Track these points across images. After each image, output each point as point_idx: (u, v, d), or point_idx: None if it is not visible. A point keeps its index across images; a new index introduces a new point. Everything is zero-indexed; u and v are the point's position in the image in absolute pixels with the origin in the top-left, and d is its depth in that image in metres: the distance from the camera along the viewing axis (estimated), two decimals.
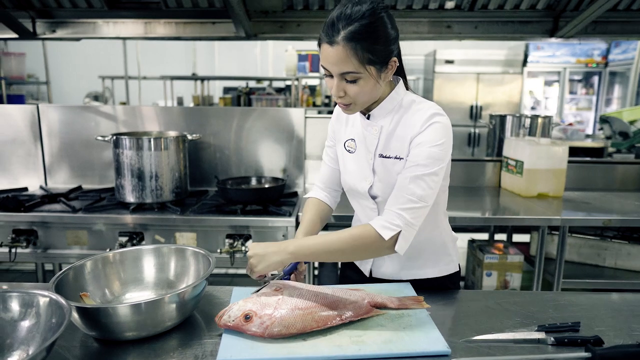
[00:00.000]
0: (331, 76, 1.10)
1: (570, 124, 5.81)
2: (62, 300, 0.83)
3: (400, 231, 1.08)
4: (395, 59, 1.11)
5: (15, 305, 0.86)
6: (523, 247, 2.75)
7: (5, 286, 1.17)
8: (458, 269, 1.34)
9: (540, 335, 0.99)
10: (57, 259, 2.39)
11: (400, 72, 1.22)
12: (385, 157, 1.19)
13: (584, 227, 2.54)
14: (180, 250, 1.15)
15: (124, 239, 2.07)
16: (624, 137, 4.89)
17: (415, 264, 1.27)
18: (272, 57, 6.97)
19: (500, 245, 2.68)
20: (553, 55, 6.92)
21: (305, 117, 2.69)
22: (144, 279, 1.13)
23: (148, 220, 2.11)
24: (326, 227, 1.49)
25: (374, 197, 1.23)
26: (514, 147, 2.66)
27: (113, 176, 2.58)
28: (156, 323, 0.93)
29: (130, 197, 2.21)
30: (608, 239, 2.50)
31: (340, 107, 1.18)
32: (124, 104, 5.60)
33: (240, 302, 0.99)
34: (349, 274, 1.43)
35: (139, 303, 0.89)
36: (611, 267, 2.45)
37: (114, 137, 2.19)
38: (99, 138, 2.24)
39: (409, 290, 1.19)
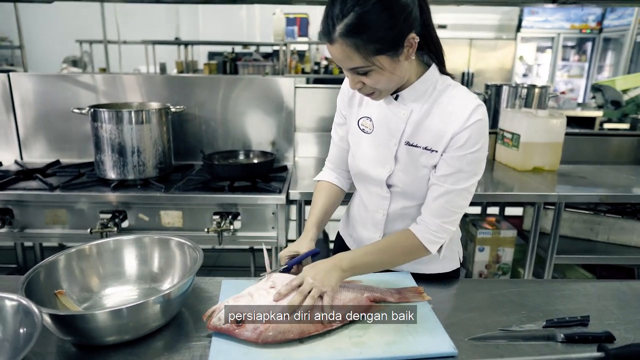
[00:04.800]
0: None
1: (563, 93, 5.74)
2: (33, 307, 0.75)
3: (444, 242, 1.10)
4: (412, 35, 0.94)
5: None
6: (516, 220, 2.72)
7: None
8: (459, 266, 1.28)
9: (550, 332, 0.94)
10: (36, 239, 2.30)
11: (432, 46, 1.06)
12: (413, 145, 1.07)
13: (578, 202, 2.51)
14: (164, 240, 1.06)
15: (105, 217, 1.98)
16: (616, 106, 4.84)
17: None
18: (259, 21, 6.68)
19: (493, 219, 2.64)
20: (547, 20, 6.76)
21: (295, 87, 2.56)
22: (125, 273, 1.04)
23: (131, 198, 2.01)
24: None
25: (389, 186, 1.14)
26: (511, 119, 2.58)
27: (93, 149, 2.46)
28: (140, 326, 0.86)
29: (111, 174, 2.09)
30: (601, 213, 2.47)
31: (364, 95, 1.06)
32: (103, 70, 5.34)
33: (230, 301, 0.92)
34: None
35: (120, 308, 0.80)
36: (604, 242, 2.43)
37: (92, 110, 2.05)
38: (75, 110, 2.09)
39: (409, 281, 1.12)
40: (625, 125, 4.46)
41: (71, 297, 0.95)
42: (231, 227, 1.98)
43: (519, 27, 6.64)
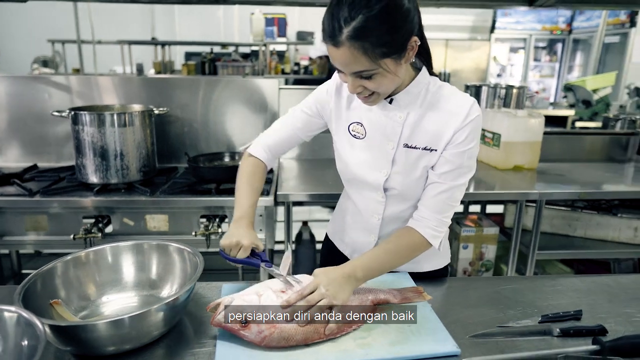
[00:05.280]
0: (343, 72, 0.98)
1: (537, 92, 5.90)
2: (35, 319, 0.72)
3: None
4: (415, 37, 0.95)
5: None
6: (497, 218, 2.78)
7: None
8: (449, 261, 1.30)
9: (546, 327, 0.97)
10: (15, 246, 2.24)
11: (422, 49, 1.05)
12: (411, 147, 1.08)
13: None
14: (163, 246, 1.04)
15: (88, 223, 1.93)
16: (587, 105, 5.01)
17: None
18: (238, 21, 6.62)
19: (475, 217, 2.69)
20: (519, 22, 6.94)
21: (280, 89, 2.56)
22: (123, 280, 1.02)
23: (114, 203, 1.97)
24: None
25: (386, 190, 1.14)
26: (491, 120, 2.64)
27: (71, 153, 2.39)
28: (142, 335, 0.84)
29: (93, 178, 2.04)
30: (579, 209, 2.56)
31: (360, 100, 1.05)
32: (77, 70, 5.20)
33: (237, 300, 0.91)
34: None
35: (122, 318, 0.79)
36: (581, 237, 2.52)
37: (72, 113, 2.00)
38: (55, 114, 2.04)
39: (408, 281, 1.14)
40: (597, 124, 4.63)
41: (67, 307, 0.93)
42: (219, 230, 1.96)
43: (492, 28, 6.79)
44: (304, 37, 6.00)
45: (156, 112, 2.20)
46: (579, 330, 0.95)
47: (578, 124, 4.90)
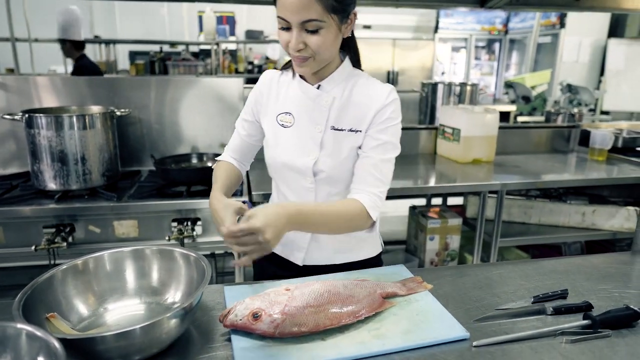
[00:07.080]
0: (287, 29, 1.03)
1: (482, 89, 6.20)
2: (49, 337, 0.67)
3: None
4: (355, 12, 1.08)
5: None
6: (458, 209, 2.91)
7: None
8: (381, 250, 1.35)
9: (540, 306, 1.03)
10: None
11: (352, 43, 1.18)
12: (338, 129, 1.15)
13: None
14: (166, 252, 0.99)
15: (50, 232, 1.81)
16: (526, 101, 5.34)
17: (347, 246, 1.26)
18: (187, 20, 6.41)
19: (437, 209, 2.80)
20: (460, 22, 7.26)
21: (244, 88, 2.52)
22: (123, 287, 0.97)
23: (78, 210, 1.86)
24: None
25: (315, 174, 1.17)
26: (451, 115, 2.75)
27: (18, 159, 2.25)
28: (154, 344, 0.80)
29: (52, 185, 1.92)
30: (533, 198, 2.73)
31: (295, 63, 1.09)
32: (11, 70, 4.83)
33: (247, 301, 0.91)
34: (272, 270, 1.29)
35: (134, 328, 0.75)
36: (536, 224, 2.69)
37: (27, 116, 1.86)
38: (7, 117, 1.89)
39: (405, 272, 1.17)
40: (537, 118, 4.95)
41: (65, 318, 0.87)
42: (193, 233, 1.91)
43: (436, 29, 7.06)
44: (254, 36, 5.93)
45: (118, 113, 2.10)
46: (570, 307, 1.02)
47: (520, 119, 5.22)
